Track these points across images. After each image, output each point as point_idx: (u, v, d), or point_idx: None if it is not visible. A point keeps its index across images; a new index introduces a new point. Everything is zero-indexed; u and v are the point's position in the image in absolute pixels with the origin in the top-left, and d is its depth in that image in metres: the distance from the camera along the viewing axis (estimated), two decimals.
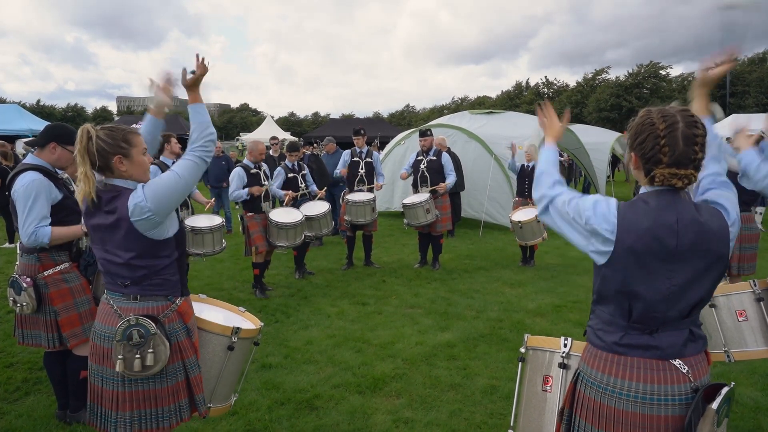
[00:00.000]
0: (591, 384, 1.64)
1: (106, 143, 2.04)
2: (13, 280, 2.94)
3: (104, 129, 2.09)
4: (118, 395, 2.10)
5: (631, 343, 1.57)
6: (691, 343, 1.58)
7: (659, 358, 1.55)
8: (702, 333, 1.63)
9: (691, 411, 1.51)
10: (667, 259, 1.51)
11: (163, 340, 2.05)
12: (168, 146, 5.57)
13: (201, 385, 2.23)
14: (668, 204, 1.53)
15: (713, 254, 1.52)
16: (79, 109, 72.22)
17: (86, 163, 2.02)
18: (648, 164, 1.55)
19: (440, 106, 78.37)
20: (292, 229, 5.81)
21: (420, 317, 5.20)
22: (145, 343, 2.02)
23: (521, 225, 6.73)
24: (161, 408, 2.12)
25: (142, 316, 2.05)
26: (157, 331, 2.04)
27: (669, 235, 1.50)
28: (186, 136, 2.23)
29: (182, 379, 2.17)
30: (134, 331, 2.03)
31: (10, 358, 4.17)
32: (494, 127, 11.01)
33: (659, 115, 1.54)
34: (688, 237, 1.50)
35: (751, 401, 3.47)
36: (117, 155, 2.06)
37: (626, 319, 1.57)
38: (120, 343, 2.03)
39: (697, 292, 1.54)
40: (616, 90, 49.73)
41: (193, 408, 2.23)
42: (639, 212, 1.54)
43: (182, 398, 2.17)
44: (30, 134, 16.38)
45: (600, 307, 1.65)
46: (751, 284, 2.77)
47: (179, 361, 2.15)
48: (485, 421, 3.26)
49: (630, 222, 1.52)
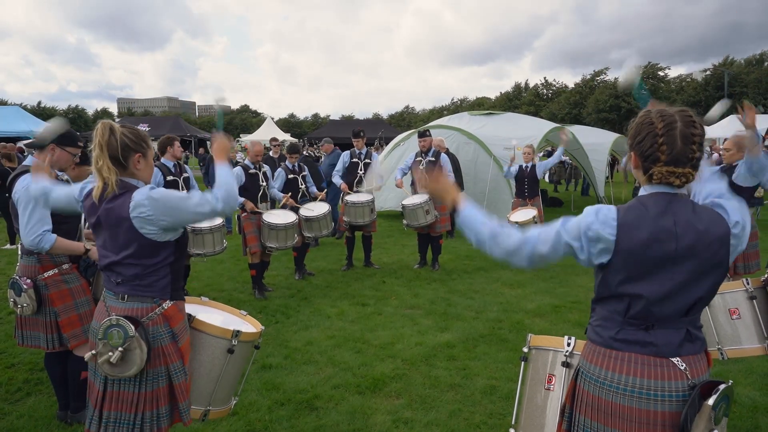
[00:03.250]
0: (590, 379, 1.65)
1: (130, 140, 2.10)
2: (14, 282, 2.95)
3: (126, 127, 2.15)
4: (101, 393, 2.10)
5: (628, 338, 1.59)
6: (688, 343, 1.59)
7: (655, 355, 1.56)
8: (701, 335, 1.63)
9: (687, 407, 1.51)
10: (666, 261, 1.52)
11: (141, 344, 2.00)
12: (170, 149, 5.54)
13: (186, 393, 2.17)
14: (666, 206, 1.55)
15: (713, 256, 1.53)
16: (80, 111, 72.31)
17: (105, 155, 2.06)
18: (646, 162, 1.58)
19: (440, 107, 78.49)
20: (282, 231, 5.80)
21: (420, 318, 5.21)
22: (123, 344, 1.99)
23: (519, 226, 6.73)
24: (138, 413, 2.07)
25: (123, 317, 2.03)
26: (135, 334, 2.00)
27: (668, 238, 1.52)
28: (187, 138, 2.26)
29: (164, 385, 2.11)
30: (114, 330, 2.01)
31: (12, 359, 4.18)
32: (493, 128, 11.04)
33: (658, 115, 1.57)
34: (686, 239, 1.52)
35: (749, 401, 3.48)
36: (138, 153, 2.12)
37: (623, 314, 1.59)
38: (101, 341, 2.02)
39: (695, 292, 1.55)
40: (615, 91, 49.78)
41: (176, 417, 2.16)
42: (638, 215, 1.55)
43: (162, 405, 2.11)
44: (31, 136, 16.38)
45: (600, 305, 1.68)
46: (744, 283, 2.80)
47: (162, 366, 2.09)
48: (485, 421, 3.27)
49: (629, 225, 1.54)
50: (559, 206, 13.60)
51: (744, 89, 44.52)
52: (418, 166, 6.95)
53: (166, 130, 21.52)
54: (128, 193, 2.05)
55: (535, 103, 59.91)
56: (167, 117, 43.67)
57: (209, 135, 30.64)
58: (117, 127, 2.10)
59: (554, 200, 14.06)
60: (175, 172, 5.46)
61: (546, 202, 12.42)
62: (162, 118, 43.88)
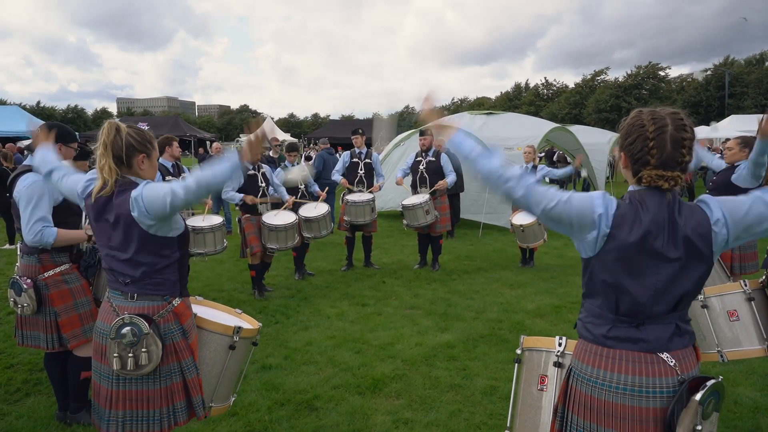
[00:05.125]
0: (581, 378, 1.67)
1: (135, 140, 2.11)
2: (14, 282, 2.95)
3: (132, 128, 2.16)
4: (111, 393, 2.11)
5: (619, 335, 1.60)
6: (677, 338, 1.60)
7: (646, 351, 1.58)
8: (689, 328, 1.66)
9: (674, 401, 1.53)
10: (653, 255, 1.54)
11: (156, 341, 2.04)
12: (169, 149, 5.55)
13: (199, 388, 2.21)
14: (659, 202, 1.56)
15: (696, 251, 1.55)
16: (79, 111, 72.37)
17: (109, 155, 2.06)
18: (636, 165, 1.59)
19: (440, 107, 78.42)
20: (282, 232, 5.79)
21: (420, 318, 5.21)
22: (138, 342, 2.02)
23: (523, 228, 6.74)
24: (153, 410, 2.11)
25: (136, 315, 2.05)
26: (150, 331, 2.03)
27: (657, 232, 1.54)
28: (186, 138, 2.26)
29: (178, 381, 2.15)
30: (127, 329, 2.03)
31: (11, 359, 4.18)
32: (493, 127, 11.03)
33: (649, 117, 1.57)
34: (672, 235, 1.54)
35: (749, 401, 3.48)
36: (142, 154, 2.13)
37: (613, 312, 1.61)
38: (114, 341, 2.04)
39: (681, 286, 1.57)
40: (616, 91, 49.83)
41: (191, 411, 2.21)
42: (631, 209, 1.57)
43: (178, 400, 2.15)
44: (30, 136, 16.38)
45: (589, 300, 1.69)
46: (742, 284, 2.79)
47: (175, 363, 2.13)
48: (485, 421, 3.26)
49: (623, 217, 1.56)
50: None
51: (744, 89, 44.52)
52: (419, 167, 6.95)
53: (166, 130, 21.55)
54: (129, 190, 2.06)
55: (535, 103, 59.96)
56: (167, 117, 43.70)
57: (208, 135, 30.68)
58: (123, 127, 2.11)
59: None
60: (173, 172, 5.47)
61: None
62: (161, 118, 43.92)
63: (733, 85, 44.78)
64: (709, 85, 48.44)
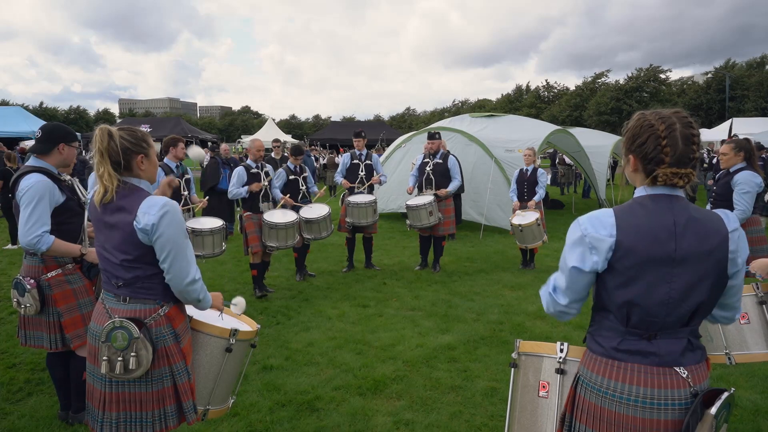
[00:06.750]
0: (591, 388, 1.63)
1: (129, 142, 2.08)
2: (17, 282, 2.96)
3: (123, 129, 2.12)
4: (105, 395, 2.10)
5: (630, 348, 1.57)
6: (689, 353, 1.58)
7: (658, 365, 1.55)
8: (701, 345, 1.63)
9: (689, 415, 1.50)
10: (666, 262, 1.51)
11: (146, 345, 2.02)
12: (174, 150, 5.56)
13: (190, 392, 2.18)
14: (666, 207, 1.54)
15: (712, 258, 1.52)
16: (81, 111, 72.49)
17: (107, 162, 2.04)
18: (650, 165, 1.56)
19: (441, 109, 78.53)
20: (282, 230, 5.81)
21: (420, 319, 5.21)
22: (128, 346, 2.00)
23: (521, 228, 6.74)
24: (146, 412, 2.09)
25: (127, 319, 2.03)
26: (140, 335, 2.01)
27: (668, 237, 1.51)
28: (188, 140, 2.27)
29: (169, 385, 2.12)
30: (118, 332, 2.01)
31: (13, 359, 4.19)
32: (494, 130, 11.04)
33: (656, 117, 1.56)
34: (687, 240, 1.51)
35: (750, 404, 3.48)
36: (140, 154, 2.11)
37: (624, 324, 1.58)
38: (105, 344, 2.03)
39: (696, 297, 1.53)
40: (616, 93, 49.80)
41: (181, 416, 2.18)
42: (637, 214, 1.55)
43: (168, 404, 2.13)
44: (33, 136, 16.40)
45: (599, 313, 1.66)
46: (754, 287, 2.75)
47: (166, 367, 2.11)
48: (485, 423, 3.27)
49: (629, 223, 1.54)
50: (560, 209, 13.60)
51: (745, 92, 44.48)
52: (426, 168, 6.96)
53: (167, 131, 21.51)
54: (134, 197, 2.05)
55: (536, 106, 59.95)
56: (168, 118, 43.64)
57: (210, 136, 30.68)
58: (115, 131, 2.07)
59: (555, 203, 14.05)
60: (177, 173, 5.49)
61: (547, 205, 12.42)
62: (163, 119, 43.87)
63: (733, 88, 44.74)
64: (709, 88, 48.41)
